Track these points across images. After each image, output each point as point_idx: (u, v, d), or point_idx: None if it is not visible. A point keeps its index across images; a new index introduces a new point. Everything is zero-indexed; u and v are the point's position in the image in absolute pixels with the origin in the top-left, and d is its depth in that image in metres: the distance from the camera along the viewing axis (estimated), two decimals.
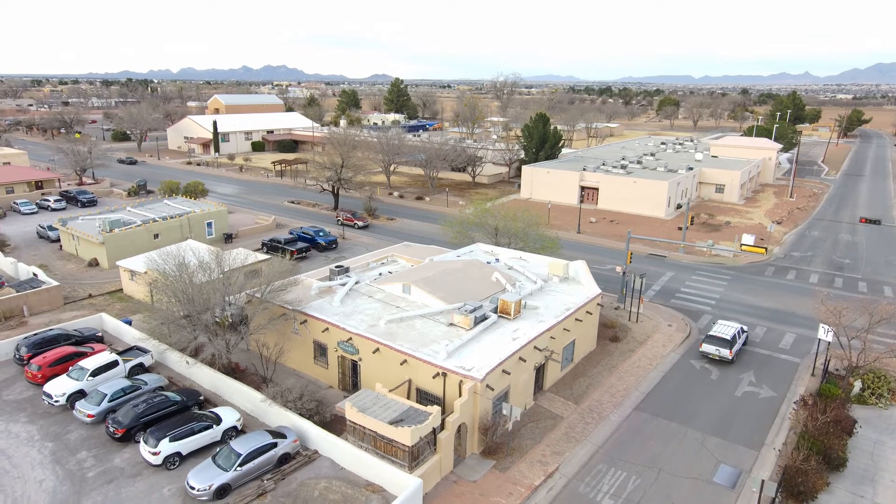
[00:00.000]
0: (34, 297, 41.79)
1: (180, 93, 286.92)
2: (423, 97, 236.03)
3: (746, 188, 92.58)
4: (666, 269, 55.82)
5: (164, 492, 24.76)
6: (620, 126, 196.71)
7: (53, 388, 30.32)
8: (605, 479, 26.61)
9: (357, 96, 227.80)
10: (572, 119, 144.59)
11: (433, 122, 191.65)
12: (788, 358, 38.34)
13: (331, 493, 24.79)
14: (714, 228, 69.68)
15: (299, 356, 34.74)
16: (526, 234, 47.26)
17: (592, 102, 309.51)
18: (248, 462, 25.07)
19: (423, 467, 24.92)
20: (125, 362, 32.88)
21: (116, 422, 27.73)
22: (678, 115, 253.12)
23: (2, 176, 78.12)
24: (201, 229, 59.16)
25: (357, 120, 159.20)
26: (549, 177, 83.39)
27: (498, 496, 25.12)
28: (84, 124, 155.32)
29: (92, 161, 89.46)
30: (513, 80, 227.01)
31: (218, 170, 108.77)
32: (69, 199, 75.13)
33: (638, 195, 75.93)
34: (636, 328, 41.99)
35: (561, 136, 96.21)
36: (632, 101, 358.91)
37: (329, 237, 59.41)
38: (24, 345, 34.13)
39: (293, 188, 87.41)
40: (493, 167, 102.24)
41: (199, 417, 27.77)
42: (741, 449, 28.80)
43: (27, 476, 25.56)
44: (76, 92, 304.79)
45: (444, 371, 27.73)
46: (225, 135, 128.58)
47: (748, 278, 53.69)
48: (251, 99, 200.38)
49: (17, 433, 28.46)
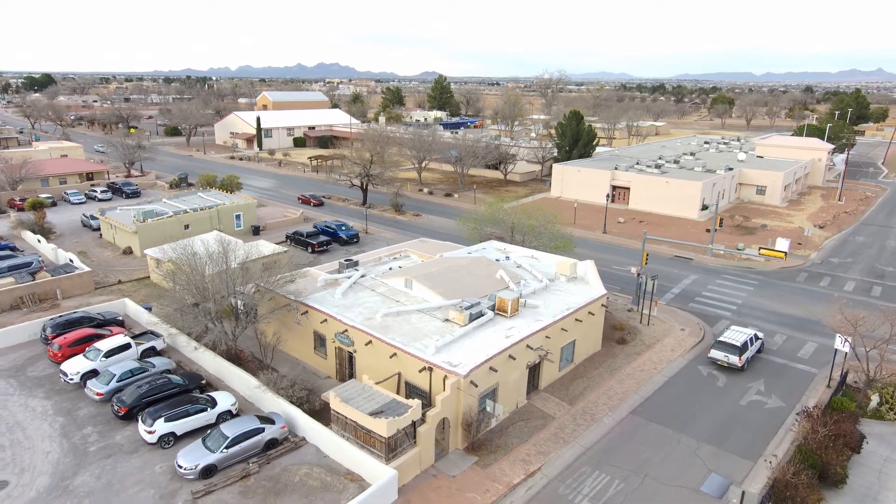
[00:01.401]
0: (67, 282, 44.44)
1: (234, 90, 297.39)
2: (466, 94, 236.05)
3: (791, 190, 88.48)
4: (690, 271, 54.14)
5: (155, 469, 26.01)
6: (667, 125, 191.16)
7: (69, 367, 32.27)
8: (587, 481, 26.24)
9: (401, 93, 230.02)
10: (613, 117, 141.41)
11: (474, 120, 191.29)
12: (805, 368, 36.63)
13: (310, 480, 25.47)
14: (748, 231, 66.99)
15: (301, 346, 35.70)
16: (538, 232, 46.78)
17: (642, 101, 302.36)
18: (234, 445, 26.01)
19: (400, 459, 25.23)
20: (138, 345, 34.60)
21: (121, 401, 29.27)
22: (731, 113, 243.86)
23: (56, 167, 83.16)
24: (230, 221, 61.34)
25: (397, 117, 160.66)
26: (580, 175, 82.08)
27: (474, 492, 25.17)
28: (140, 120, 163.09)
29: (140, 154, 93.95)
30: (558, 78, 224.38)
31: (258, 164, 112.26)
32: (115, 190, 79.26)
33: (670, 195, 73.79)
34: (646, 331, 40.99)
35: (595, 135, 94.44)
36: (684, 99, 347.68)
37: (351, 231, 60.50)
38: (49, 326, 36.41)
39: (325, 183, 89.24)
40: (527, 165, 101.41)
41: (196, 400, 28.97)
42: (736, 459, 27.79)
43: (36, 447, 27.34)
44: (138, 89, 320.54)
45: (431, 366, 27.95)
46: (268, 130, 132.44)
47: (776, 284, 51.44)
48: (297, 96, 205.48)
49: (34, 407, 30.46)
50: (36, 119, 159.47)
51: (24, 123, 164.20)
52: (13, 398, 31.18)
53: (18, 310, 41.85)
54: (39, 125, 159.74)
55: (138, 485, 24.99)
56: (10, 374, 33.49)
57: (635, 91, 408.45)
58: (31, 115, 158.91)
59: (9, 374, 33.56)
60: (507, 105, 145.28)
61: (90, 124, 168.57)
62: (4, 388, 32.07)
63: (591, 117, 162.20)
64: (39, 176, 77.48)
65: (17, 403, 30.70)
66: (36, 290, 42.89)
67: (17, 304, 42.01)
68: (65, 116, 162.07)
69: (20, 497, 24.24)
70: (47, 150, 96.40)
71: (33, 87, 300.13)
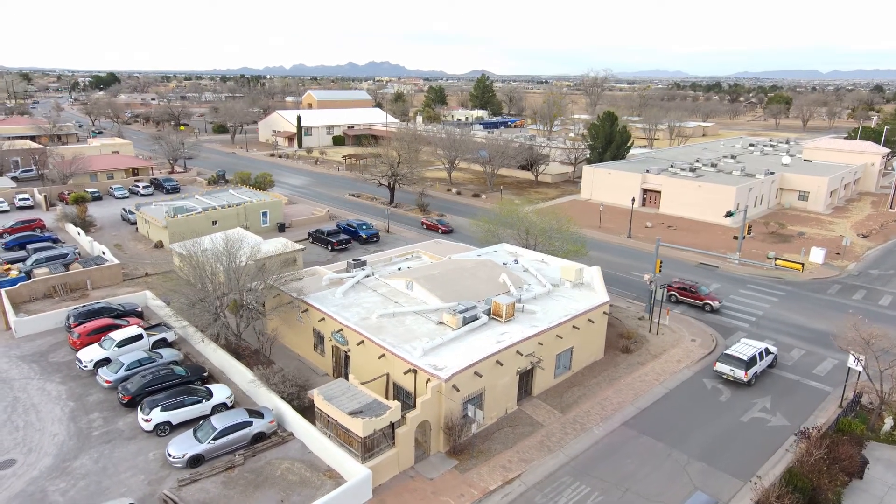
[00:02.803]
0: (96, 273, 46.98)
1: (285, 88, 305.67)
2: (509, 93, 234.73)
3: (838, 197, 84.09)
4: (714, 280, 52.32)
5: (149, 456, 27.31)
6: (716, 125, 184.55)
7: (84, 355, 34.22)
8: (565, 491, 25.93)
9: (443, 92, 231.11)
10: (655, 117, 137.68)
11: (515, 119, 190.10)
12: (819, 386, 34.92)
13: (290, 475, 26.19)
14: (783, 239, 64.14)
15: (302, 343, 36.62)
16: (550, 235, 46.27)
17: (694, 100, 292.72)
18: (222, 436, 27.01)
19: (377, 459, 25.61)
20: (149, 337, 36.30)
21: (125, 389, 30.85)
22: (787, 114, 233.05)
23: (104, 163, 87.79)
24: (257, 218, 63.30)
25: (436, 116, 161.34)
26: (610, 178, 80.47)
27: (448, 496, 25.29)
28: (190, 117, 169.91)
29: (183, 151, 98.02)
30: (603, 76, 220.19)
31: (296, 162, 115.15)
32: (157, 186, 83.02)
33: (702, 200, 71.42)
34: (655, 340, 39.97)
35: (629, 136, 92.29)
36: (739, 98, 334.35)
37: (371, 230, 61.39)
38: (73, 315, 38.65)
39: (355, 181, 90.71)
40: (560, 166, 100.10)
41: (194, 392, 30.22)
42: (726, 478, 26.85)
43: (46, 429, 29.16)
44: (195, 87, 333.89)
45: (415, 368, 28.22)
46: (308, 129, 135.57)
47: (805, 295, 49.11)
48: (341, 94, 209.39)
49: (50, 391, 32.46)
50: (96, 116, 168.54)
51: (87, 121, 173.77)
52: (33, 382, 33.31)
53: (51, 298, 44.54)
54: (98, 122, 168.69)
55: (131, 470, 26.32)
56: (34, 360, 35.77)
57: (688, 90, 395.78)
58: (91, 113, 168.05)
59: (32, 359, 35.86)
60: (546, 104, 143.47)
61: (145, 121, 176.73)
62: (27, 373, 34.30)
63: (634, 118, 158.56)
64: (88, 171, 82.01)
65: (36, 387, 32.79)
66: (68, 281, 45.54)
67: (49, 293, 44.74)
68: (122, 114, 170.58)
69: (24, 475, 25.94)
70: (99, 146, 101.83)
71: (99, 86, 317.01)
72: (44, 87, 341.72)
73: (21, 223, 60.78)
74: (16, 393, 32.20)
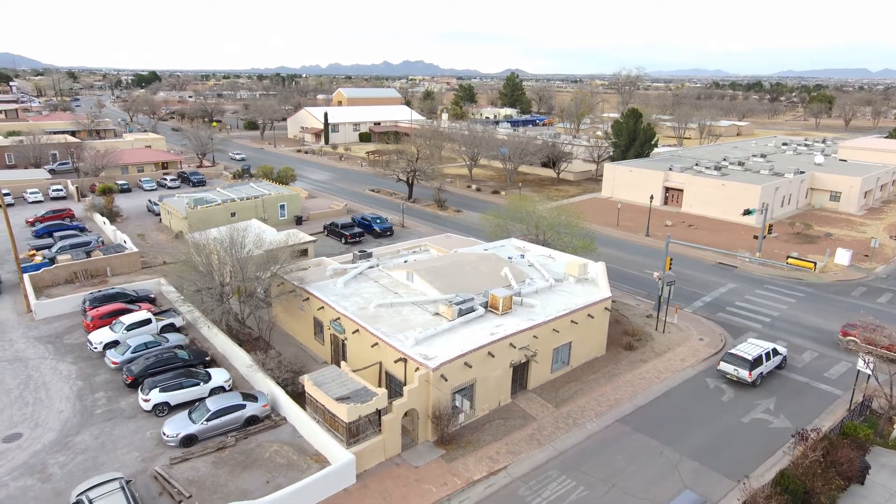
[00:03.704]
0: (116, 261, 48.62)
1: (319, 87, 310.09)
2: (538, 92, 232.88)
3: (873, 198, 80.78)
4: (729, 280, 50.97)
5: (146, 434, 28.17)
6: (751, 125, 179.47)
7: (95, 337, 35.50)
8: (550, 485, 25.69)
9: (473, 90, 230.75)
10: (686, 116, 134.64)
11: (544, 118, 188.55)
12: (828, 389, 33.70)
13: (278, 457, 26.66)
14: (808, 240, 62.00)
15: (304, 330, 37.19)
16: (559, 231, 45.83)
17: (732, 99, 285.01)
18: (215, 418, 27.67)
19: (362, 445, 25.85)
20: (158, 321, 37.40)
21: (129, 370, 31.90)
22: (830, 113, 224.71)
23: (136, 157, 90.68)
24: (275, 211, 64.47)
25: (462, 114, 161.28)
26: (631, 175, 79.11)
27: (431, 484, 25.36)
28: (223, 114, 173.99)
29: (212, 146, 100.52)
30: (635, 75, 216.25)
31: (321, 158, 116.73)
32: (184, 179, 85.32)
33: (726, 199, 69.54)
34: (660, 339, 39.19)
35: (654, 133, 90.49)
36: (780, 97, 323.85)
37: (385, 224, 61.84)
38: (88, 299, 40.10)
39: (376, 177, 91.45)
40: (583, 164, 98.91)
41: (193, 374, 31.04)
42: (719, 478, 26.18)
43: (53, 406, 30.37)
44: (231, 85, 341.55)
45: (405, 357, 28.36)
46: (335, 125, 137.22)
47: (825, 297, 47.41)
48: (370, 92, 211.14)
49: (61, 371, 33.78)
50: (134, 113, 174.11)
51: (126, 117, 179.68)
52: (46, 361, 34.73)
53: (72, 284, 46.30)
54: (136, 118, 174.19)
55: (127, 447, 27.20)
56: (49, 340, 37.27)
57: (727, 89, 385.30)
58: (129, 110, 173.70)
59: (48, 339, 37.37)
60: (574, 102, 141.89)
61: (181, 118, 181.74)
62: (42, 353, 35.78)
63: (664, 116, 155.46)
64: (119, 164, 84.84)
65: (49, 366, 34.18)
66: (88, 267, 47.24)
67: (71, 279, 46.50)
68: (158, 110, 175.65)
69: (28, 448, 27.09)
70: (132, 140, 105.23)
71: (140, 84, 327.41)
72: (89, 86, 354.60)
73: (51, 212, 63.32)
74: (30, 371, 33.63)
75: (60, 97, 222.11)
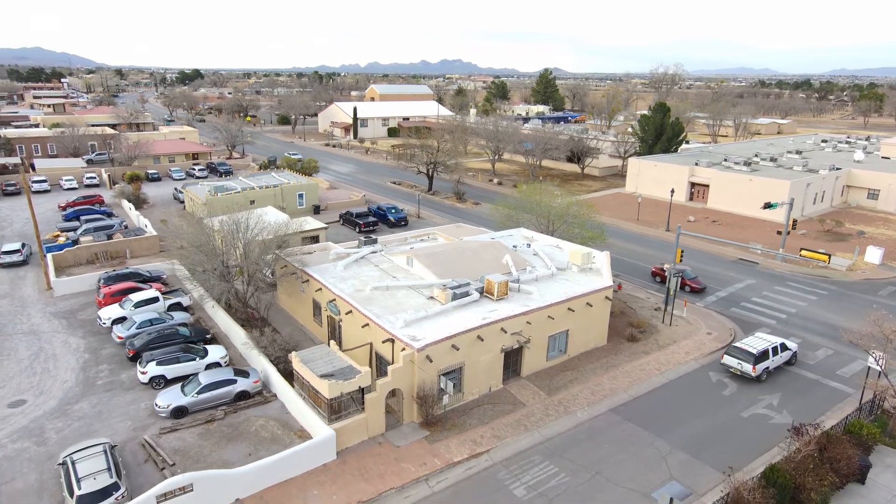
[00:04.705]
0: (136, 244, 50.21)
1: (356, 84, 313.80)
2: (572, 89, 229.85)
3: None
4: (748, 276, 49.19)
5: (140, 405, 28.96)
6: (794, 123, 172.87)
7: (104, 313, 36.73)
8: (532, 470, 25.26)
9: (506, 87, 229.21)
10: (720, 113, 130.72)
11: (576, 115, 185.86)
12: (839, 387, 32.16)
13: (264, 431, 27.02)
14: (839, 238, 59.33)
15: (304, 312, 37.63)
16: (565, 221, 45.11)
17: (778, 97, 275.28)
18: (206, 392, 28.23)
19: (344, 422, 25.95)
20: (165, 300, 38.43)
21: (132, 344, 32.86)
22: (881, 111, 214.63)
23: (167, 148, 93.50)
24: (293, 199, 65.45)
25: (492, 110, 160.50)
26: (656, 170, 77.23)
27: (410, 463, 25.27)
28: (258, 109, 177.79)
29: (241, 138, 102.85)
30: (672, 72, 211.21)
31: (348, 151, 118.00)
32: (212, 169, 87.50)
33: (753, 194, 67.09)
34: (666, 331, 38.12)
35: (682, 128, 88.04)
36: (828, 96, 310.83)
37: (399, 214, 62.05)
38: (103, 278, 41.51)
39: (398, 170, 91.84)
40: (609, 160, 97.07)
41: (190, 350, 31.77)
42: (708, 471, 25.26)
43: (58, 377, 31.54)
44: (270, 83, 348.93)
45: (393, 338, 28.35)
46: (364, 120, 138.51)
47: (849, 296, 45.26)
48: (402, 88, 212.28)
49: (71, 344, 35.07)
50: (173, 108, 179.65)
51: (166, 111, 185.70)
52: (58, 335, 36.11)
53: (93, 264, 48.04)
54: (176, 113, 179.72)
55: (121, 416, 28.02)
56: (64, 315, 38.75)
57: (773, 87, 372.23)
58: (169, 105, 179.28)
59: (63, 315, 38.86)
60: (605, 99, 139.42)
61: (218, 113, 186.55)
62: (56, 326, 37.23)
63: (700, 113, 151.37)
64: (151, 155, 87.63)
65: (60, 340, 35.53)
66: (109, 249, 48.93)
67: (92, 260, 48.25)
68: (196, 106, 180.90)
69: (30, 414, 28.20)
70: (166, 133, 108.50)
71: (183, 81, 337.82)
72: (135, 83, 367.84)
73: (82, 198, 65.86)
74: (42, 343, 35.02)
75: (107, 93, 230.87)
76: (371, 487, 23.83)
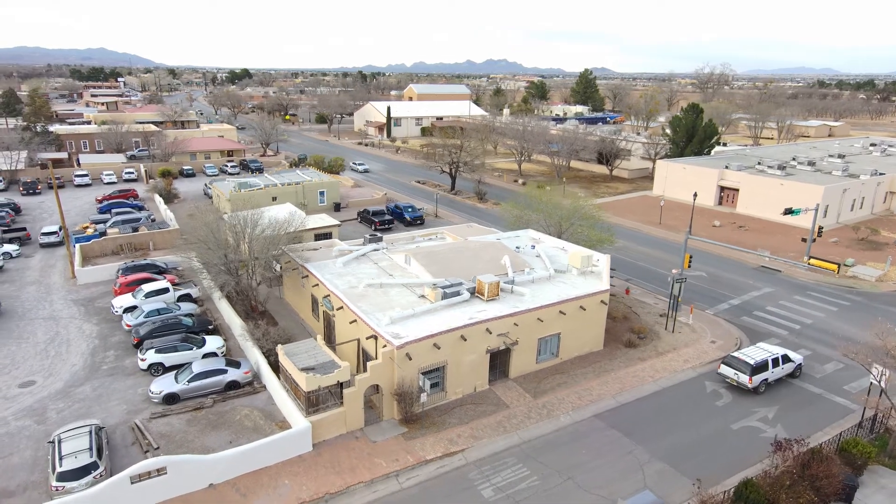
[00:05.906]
0: (158, 236, 52.39)
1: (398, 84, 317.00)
2: (613, 89, 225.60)
3: None
4: (767, 284, 47.41)
5: (138, 391, 30.32)
6: (846, 125, 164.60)
7: (117, 302, 38.54)
8: (504, 472, 25.19)
9: (545, 87, 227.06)
10: (763, 113, 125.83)
11: (615, 115, 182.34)
12: (843, 402, 30.71)
13: (247, 421, 27.87)
14: (874, 246, 56.39)
15: (304, 306, 38.49)
16: (572, 222, 44.56)
17: (835, 98, 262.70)
18: (196, 380, 29.32)
19: (321, 415, 26.50)
20: (176, 291, 40.00)
21: (137, 332, 34.40)
22: None
23: (203, 145, 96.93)
24: (314, 197, 66.84)
25: (528, 110, 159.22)
26: (684, 173, 75.11)
27: (383, 459, 25.59)
28: (298, 108, 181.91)
29: (275, 136, 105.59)
30: (719, 73, 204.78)
31: (379, 150, 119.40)
32: (244, 166, 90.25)
33: (784, 200, 64.33)
34: (668, 338, 37.20)
35: (715, 131, 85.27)
36: (890, 97, 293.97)
37: (416, 213, 62.53)
38: (122, 268, 43.53)
39: (423, 169, 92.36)
40: (640, 161, 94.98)
41: (189, 339, 33.01)
42: (685, 482, 24.56)
43: (68, 360, 33.33)
44: (315, 82, 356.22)
45: (376, 334, 28.73)
46: (398, 119, 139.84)
47: (874, 308, 43.01)
48: (439, 88, 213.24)
49: (84, 330, 36.98)
50: (218, 107, 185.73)
51: (212, 110, 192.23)
52: (74, 322, 38.11)
53: (118, 255, 50.41)
54: (220, 112, 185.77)
55: (118, 400, 29.41)
56: (83, 303, 40.85)
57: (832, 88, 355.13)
58: (214, 103, 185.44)
59: (82, 302, 40.97)
60: (643, 99, 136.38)
61: (260, 111, 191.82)
62: (73, 313, 39.30)
63: (745, 115, 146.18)
64: (187, 151, 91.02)
65: (75, 326, 37.50)
66: (133, 241, 51.24)
67: (117, 251, 50.63)
68: (240, 104, 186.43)
69: (37, 394, 29.94)
70: (205, 130, 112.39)
71: (232, 81, 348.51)
72: (187, 82, 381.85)
73: (118, 192, 69.07)
74: (59, 328, 37.06)
75: (159, 92, 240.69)
76: (340, 480, 24.27)
